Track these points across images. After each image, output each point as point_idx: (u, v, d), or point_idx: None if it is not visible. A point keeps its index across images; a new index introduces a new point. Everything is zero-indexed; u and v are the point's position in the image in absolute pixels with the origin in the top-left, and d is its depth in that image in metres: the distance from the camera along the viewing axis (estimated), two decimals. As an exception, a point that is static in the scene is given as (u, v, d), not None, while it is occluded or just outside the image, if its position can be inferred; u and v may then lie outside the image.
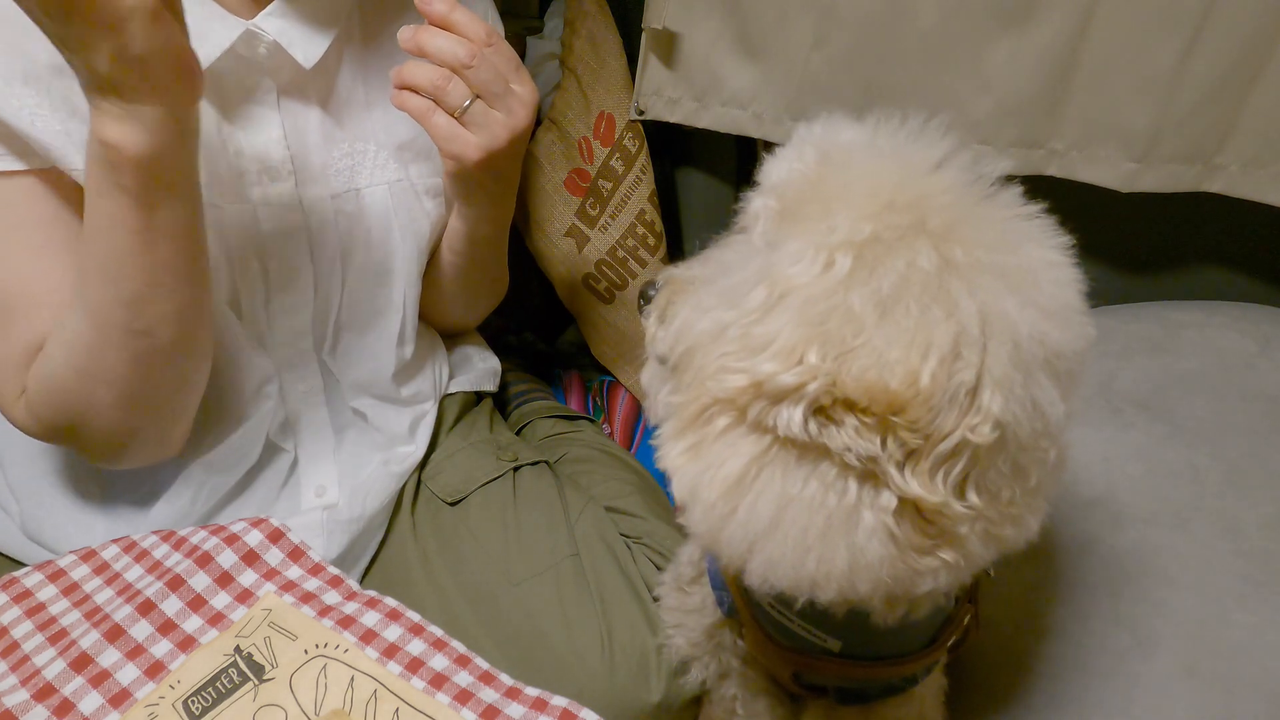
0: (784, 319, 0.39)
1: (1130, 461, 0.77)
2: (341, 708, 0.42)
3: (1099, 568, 0.72)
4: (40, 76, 0.55)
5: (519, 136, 0.65)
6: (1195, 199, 0.86)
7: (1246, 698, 0.64)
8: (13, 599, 0.49)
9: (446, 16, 0.61)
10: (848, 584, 0.40)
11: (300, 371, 0.73)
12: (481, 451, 0.83)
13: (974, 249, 0.39)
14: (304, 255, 0.69)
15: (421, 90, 0.63)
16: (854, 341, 0.37)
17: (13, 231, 0.58)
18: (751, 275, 0.41)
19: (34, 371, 0.59)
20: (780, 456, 0.40)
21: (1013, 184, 0.43)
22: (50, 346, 0.58)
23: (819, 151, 0.45)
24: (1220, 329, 0.86)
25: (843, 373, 0.37)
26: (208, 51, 0.60)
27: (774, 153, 0.48)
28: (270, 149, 0.66)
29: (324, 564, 0.51)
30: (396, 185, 0.73)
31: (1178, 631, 0.68)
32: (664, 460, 0.43)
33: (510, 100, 0.64)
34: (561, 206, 1.08)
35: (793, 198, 0.44)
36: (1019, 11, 0.81)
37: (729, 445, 0.41)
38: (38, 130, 0.54)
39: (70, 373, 0.57)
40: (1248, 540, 0.71)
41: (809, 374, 0.37)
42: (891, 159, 0.43)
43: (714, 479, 0.41)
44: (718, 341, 0.41)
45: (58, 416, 0.60)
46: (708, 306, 0.43)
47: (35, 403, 0.60)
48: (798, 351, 0.38)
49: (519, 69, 0.64)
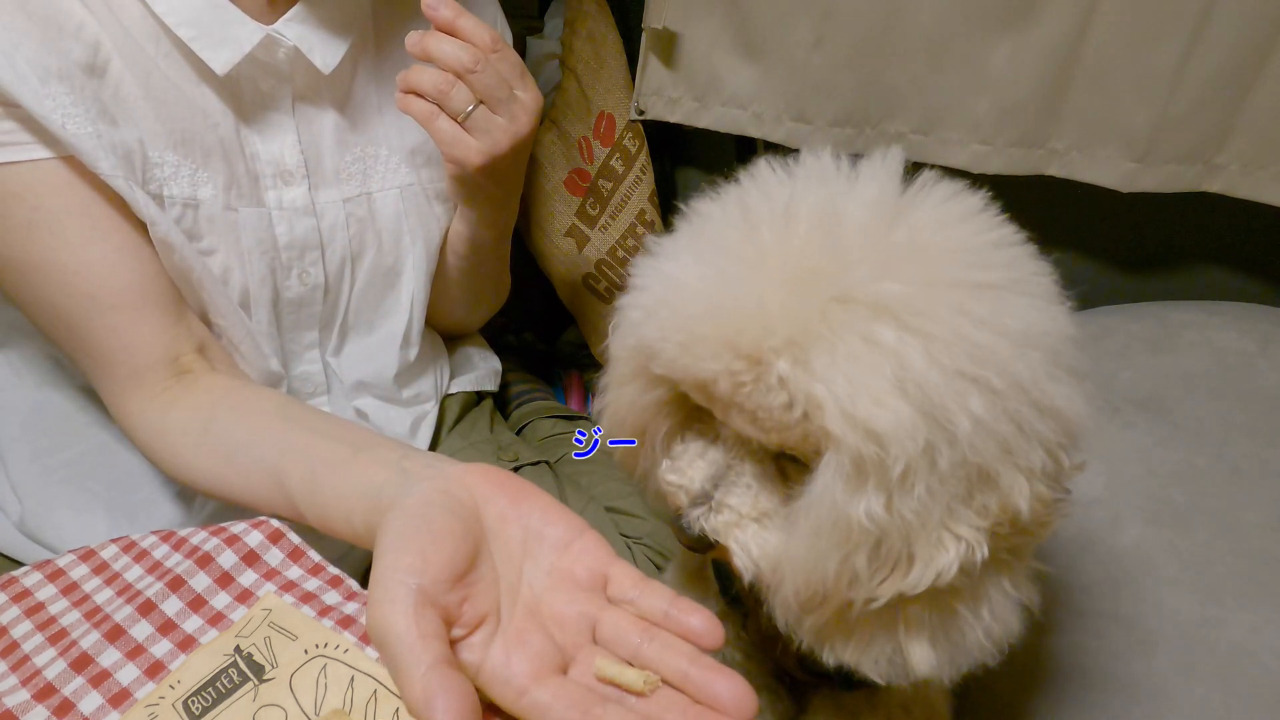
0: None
1: (1130, 461, 0.77)
2: (341, 708, 0.42)
3: (1099, 568, 0.72)
4: (73, 75, 0.55)
5: (522, 143, 0.65)
6: (1195, 199, 0.86)
7: (1246, 698, 0.64)
8: (12, 599, 0.49)
9: (453, 22, 0.61)
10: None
11: (306, 372, 0.73)
12: (482, 452, 0.83)
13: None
14: (315, 258, 0.69)
15: (426, 94, 0.63)
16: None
17: (54, 220, 0.57)
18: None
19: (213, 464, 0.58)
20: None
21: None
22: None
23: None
24: (1220, 329, 0.86)
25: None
26: (228, 56, 0.61)
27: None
28: (285, 153, 0.66)
29: (324, 564, 0.51)
30: (408, 189, 0.73)
31: (1178, 631, 0.68)
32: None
33: (513, 106, 0.64)
34: (561, 206, 1.08)
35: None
36: (1019, 11, 0.81)
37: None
38: (68, 134, 0.54)
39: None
40: (1248, 540, 0.71)
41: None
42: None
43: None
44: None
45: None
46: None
47: (188, 482, 0.60)
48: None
49: (524, 75, 0.64)
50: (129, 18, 0.59)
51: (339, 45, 0.66)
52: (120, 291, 0.59)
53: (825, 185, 0.43)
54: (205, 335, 0.64)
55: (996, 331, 0.38)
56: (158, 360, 0.61)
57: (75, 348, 0.61)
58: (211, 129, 0.62)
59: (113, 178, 0.56)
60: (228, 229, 0.64)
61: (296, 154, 0.67)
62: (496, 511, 0.44)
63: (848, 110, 0.92)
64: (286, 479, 0.52)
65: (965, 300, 0.38)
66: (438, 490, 0.43)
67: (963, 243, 0.41)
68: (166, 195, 0.61)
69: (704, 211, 0.46)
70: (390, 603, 0.38)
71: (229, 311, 0.64)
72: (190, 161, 0.62)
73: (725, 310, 0.40)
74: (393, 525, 0.42)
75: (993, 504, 0.39)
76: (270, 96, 0.65)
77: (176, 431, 0.59)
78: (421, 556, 0.40)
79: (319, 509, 0.51)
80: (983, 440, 0.38)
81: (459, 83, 0.62)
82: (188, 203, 0.62)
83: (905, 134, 0.92)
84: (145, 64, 0.59)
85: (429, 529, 0.41)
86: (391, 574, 0.39)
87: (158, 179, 0.60)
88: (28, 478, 0.69)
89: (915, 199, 0.43)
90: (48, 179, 0.56)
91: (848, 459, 0.38)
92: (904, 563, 0.40)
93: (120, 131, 0.58)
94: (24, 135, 0.55)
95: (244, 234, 0.65)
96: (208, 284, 0.62)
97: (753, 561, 0.45)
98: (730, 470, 0.47)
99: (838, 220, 0.41)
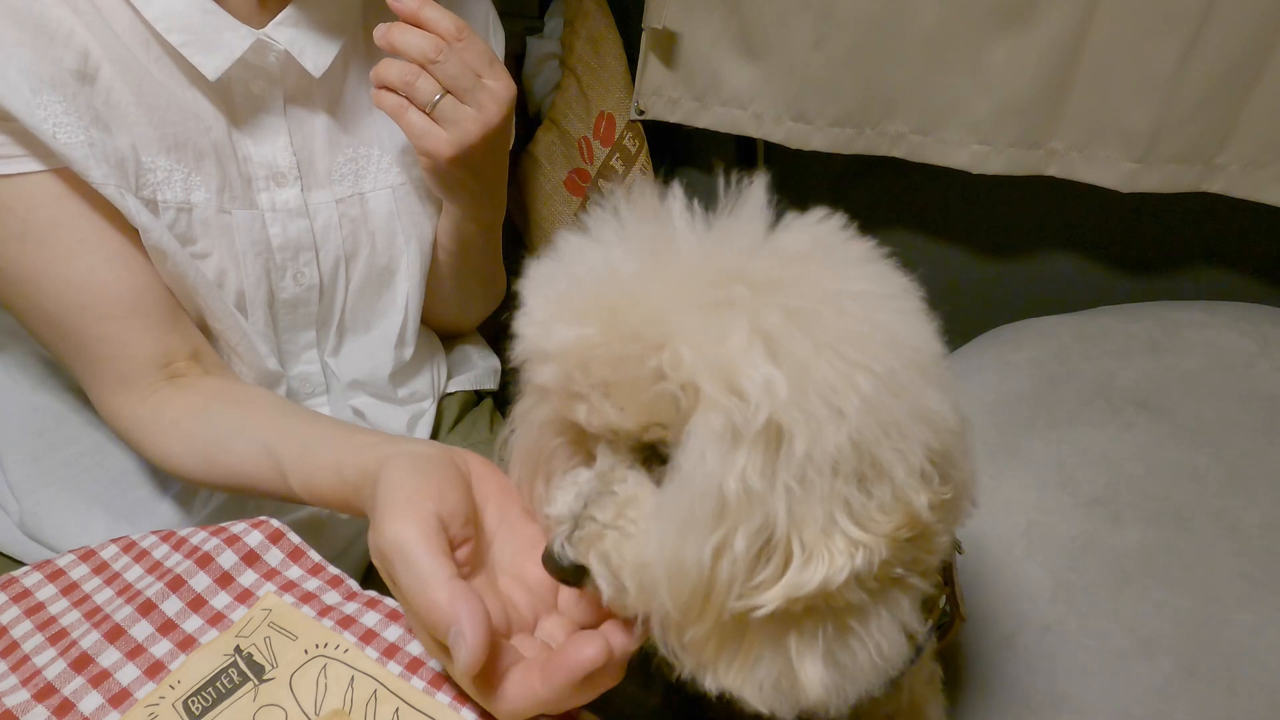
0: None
1: (1130, 461, 0.77)
2: (341, 707, 0.42)
3: (1099, 568, 0.72)
4: (66, 83, 0.55)
5: (493, 132, 0.65)
6: (1195, 199, 0.86)
7: (1246, 698, 0.64)
8: (12, 599, 0.49)
9: (416, 13, 0.62)
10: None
11: (304, 372, 0.74)
12: (481, 451, 0.82)
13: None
14: (309, 258, 0.69)
15: (394, 87, 0.63)
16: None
17: (46, 232, 0.58)
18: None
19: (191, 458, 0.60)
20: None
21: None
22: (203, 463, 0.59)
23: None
24: (1220, 329, 0.86)
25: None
26: (219, 61, 0.61)
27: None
28: (277, 155, 0.67)
29: (324, 564, 0.51)
30: (400, 189, 0.73)
31: (1178, 631, 0.68)
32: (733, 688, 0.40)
33: (481, 95, 0.64)
34: (561, 206, 1.08)
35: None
36: (1019, 11, 0.81)
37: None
38: (59, 143, 0.55)
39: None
40: (1248, 540, 0.71)
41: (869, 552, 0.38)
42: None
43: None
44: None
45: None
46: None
47: (162, 465, 0.62)
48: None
49: (493, 64, 0.64)
50: (120, 24, 0.59)
51: (330, 48, 0.66)
52: (111, 302, 0.59)
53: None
54: (200, 342, 0.65)
55: (873, 326, 0.38)
56: (149, 366, 0.61)
57: (65, 352, 0.62)
58: (204, 133, 0.62)
59: (104, 186, 0.56)
60: (221, 232, 0.64)
61: (289, 156, 0.67)
62: (484, 491, 0.46)
63: (848, 110, 0.92)
64: (278, 449, 0.54)
65: (842, 299, 0.38)
66: (440, 450, 0.46)
67: (832, 256, 0.41)
68: (160, 200, 0.61)
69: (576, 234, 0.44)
70: (408, 521, 0.40)
71: (224, 315, 0.64)
72: (183, 166, 0.62)
73: (604, 287, 0.39)
74: (400, 465, 0.43)
75: (888, 498, 0.38)
76: (262, 99, 0.65)
77: (168, 424, 0.60)
78: (438, 490, 0.42)
79: (307, 472, 0.51)
80: (870, 424, 0.37)
81: (424, 73, 0.62)
82: (181, 207, 0.62)
83: (905, 134, 0.92)
84: (136, 70, 0.59)
85: (439, 472, 0.43)
86: (407, 499, 0.41)
87: (151, 184, 0.60)
88: (26, 479, 0.69)
89: (785, 225, 0.42)
90: (38, 191, 0.57)
91: (717, 417, 0.36)
92: (789, 555, 0.38)
93: (113, 138, 0.58)
94: (15, 148, 0.55)
95: (238, 236, 0.65)
96: (201, 289, 0.63)
97: (611, 572, 0.40)
98: (603, 483, 0.43)
99: (714, 231, 0.41)
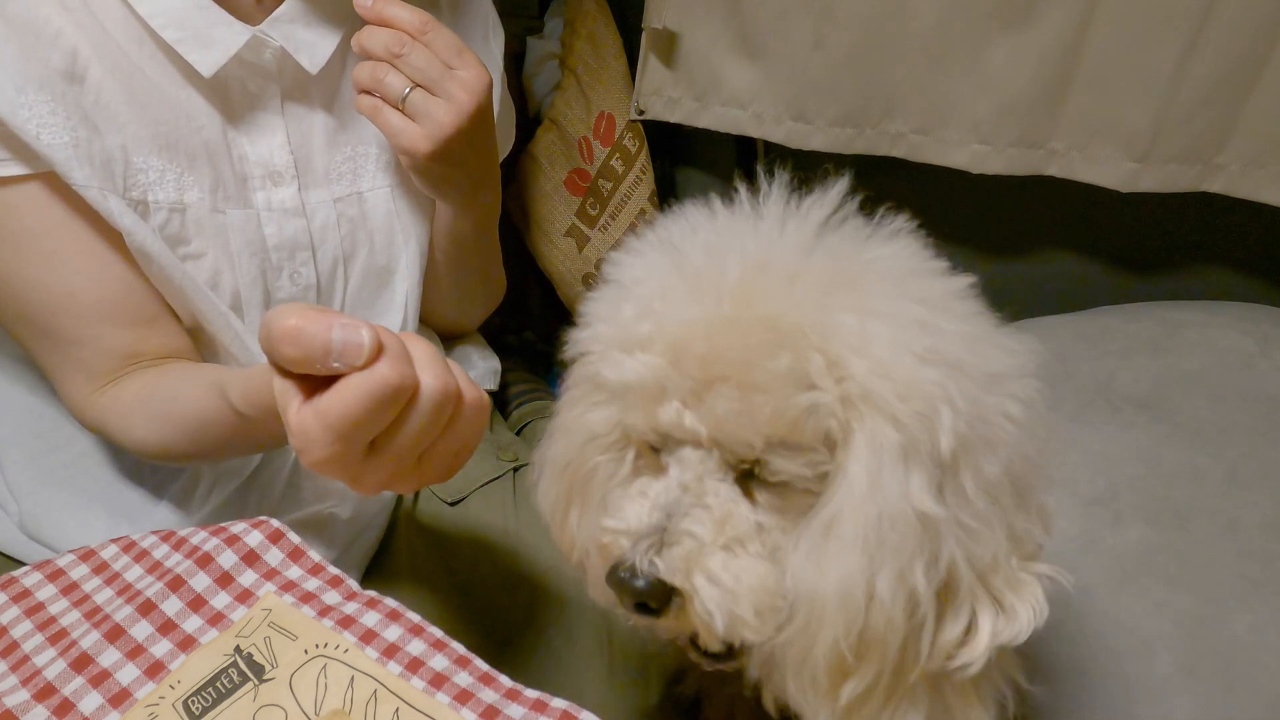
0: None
1: (1130, 461, 0.77)
2: (341, 708, 0.42)
3: (1099, 568, 0.72)
4: (53, 83, 0.55)
5: (468, 121, 0.64)
6: (1195, 199, 0.86)
7: (1246, 698, 0.64)
8: (11, 599, 0.49)
9: (380, 13, 0.62)
10: None
11: None
12: (481, 452, 0.83)
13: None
14: (305, 258, 0.69)
15: (366, 87, 0.63)
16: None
17: (24, 238, 0.58)
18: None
19: (140, 429, 0.61)
20: None
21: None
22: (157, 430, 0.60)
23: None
24: (1220, 329, 0.86)
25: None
26: (214, 58, 0.60)
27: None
28: (274, 154, 0.66)
29: (324, 564, 0.51)
30: (399, 188, 0.73)
31: (1178, 631, 0.68)
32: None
33: (451, 85, 0.63)
34: (561, 206, 1.08)
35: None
36: (1019, 11, 0.81)
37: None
38: (42, 144, 0.54)
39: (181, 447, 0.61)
40: (1248, 540, 0.71)
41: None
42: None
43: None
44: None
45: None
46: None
47: (134, 446, 0.62)
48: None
49: (461, 53, 0.64)
50: (112, 21, 0.58)
51: (326, 45, 0.66)
52: (89, 306, 0.60)
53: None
54: (184, 345, 0.64)
55: (1003, 354, 0.37)
56: (115, 360, 0.62)
57: (37, 349, 0.62)
58: (196, 131, 0.62)
59: (86, 189, 0.56)
60: (216, 232, 0.64)
61: (285, 154, 0.67)
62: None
63: (848, 110, 0.92)
64: (222, 379, 0.54)
65: (974, 337, 0.37)
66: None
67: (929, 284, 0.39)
68: (152, 200, 0.60)
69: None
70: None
71: (215, 316, 0.64)
72: (175, 166, 0.61)
73: (749, 264, 0.38)
74: None
75: (1036, 529, 0.35)
76: (258, 97, 0.65)
77: (129, 402, 0.61)
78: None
79: (244, 382, 0.51)
80: (1016, 454, 0.34)
81: (391, 69, 0.62)
82: (174, 207, 0.62)
83: (905, 134, 0.92)
84: (128, 68, 0.59)
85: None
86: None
87: (142, 184, 0.60)
88: (25, 479, 0.69)
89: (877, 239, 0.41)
90: (17, 197, 0.57)
91: (887, 431, 0.31)
92: (974, 599, 0.33)
93: (102, 138, 0.58)
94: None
95: (232, 236, 0.65)
96: (190, 290, 0.62)
97: (729, 594, 0.35)
98: (687, 494, 0.37)
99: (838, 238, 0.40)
